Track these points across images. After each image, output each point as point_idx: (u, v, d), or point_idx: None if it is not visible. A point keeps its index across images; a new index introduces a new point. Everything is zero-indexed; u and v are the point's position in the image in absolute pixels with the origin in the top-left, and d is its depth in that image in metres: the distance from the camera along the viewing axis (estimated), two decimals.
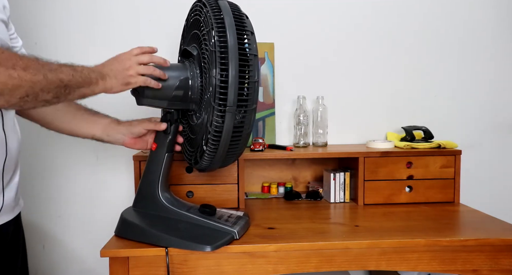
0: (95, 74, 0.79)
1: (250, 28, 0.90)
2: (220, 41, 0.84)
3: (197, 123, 0.94)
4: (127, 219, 0.98)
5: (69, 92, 0.75)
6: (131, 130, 1.00)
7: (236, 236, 0.94)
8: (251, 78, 0.88)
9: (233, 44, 0.84)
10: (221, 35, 0.84)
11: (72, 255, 1.51)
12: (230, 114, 0.85)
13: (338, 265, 0.96)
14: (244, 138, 0.93)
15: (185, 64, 0.95)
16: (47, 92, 0.71)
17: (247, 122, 0.90)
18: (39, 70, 0.70)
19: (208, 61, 0.87)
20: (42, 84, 0.70)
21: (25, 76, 0.67)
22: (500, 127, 1.62)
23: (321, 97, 1.49)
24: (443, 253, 0.98)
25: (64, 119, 1.00)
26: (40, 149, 1.47)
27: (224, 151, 0.90)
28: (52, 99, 0.73)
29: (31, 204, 1.47)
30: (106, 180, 1.50)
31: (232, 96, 0.84)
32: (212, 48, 0.85)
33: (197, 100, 0.93)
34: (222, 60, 0.84)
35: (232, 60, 0.84)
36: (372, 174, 1.30)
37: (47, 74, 0.71)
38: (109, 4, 1.46)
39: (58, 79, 0.72)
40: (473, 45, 1.58)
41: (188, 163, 1.04)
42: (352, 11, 1.54)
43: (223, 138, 0.88)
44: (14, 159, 0.88)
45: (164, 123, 0.98)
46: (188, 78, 0.92)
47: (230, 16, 0.86)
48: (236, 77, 0.84)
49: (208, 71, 0.87)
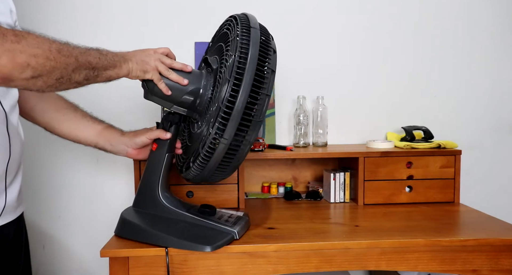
0: (119, 58, 0.82)
1: (273, 47, 0.89)
2: (241, 51, 0.83)
3: (196, 133, 0.94)
4: (127, 219, 0.98)
5: (97, 74, 0.78)
6: (135, 141, 1.01)
7: (236, 236, 0.94)
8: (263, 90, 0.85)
9: (253, 54, 0.82)
10: (243, 46, 0.83)
11: (72, 255, 1.52)
12: (233, 122, 0.83)
13: (338, 265, 0.96)
14: (241, 152, 0.90)
15: (202, 73, 0.94)
16: (79, 74, 0.74)
17: (249, 134, 0.88)
18: (71, 53, 0.72)
19: (225, 71, 0.86)
20: (74, 66, 0.73)
21: (60, 58, 0.70)
22: (500, 127, 1.62)
23: (321, 97, 1.49)
24: (443, 253, 0.98)
25: (68, 125, 1.00)
26: (41, 150, 1.47)
27: (216, 163, 0.89)
28: (83, 80, 0.76)
29: (31, 204, 1.47)
30: (106, 180, 1.50)
31: (241, 103, 0.82)
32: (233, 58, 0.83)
33: (202, 112, 0.93)
34: (239, 67, 0.82)
35: (249, 68, 0.82)
36: (372, 174, 1.30)
37: (78, 56, 0.73)
38: (111, 5, 1.46)
39: (87, 61, 0.75)
40: (473, 45, 1.58)
41: (178, 170, 1.03)
42: (352, 11, 1.54)
43: (209, 165, 0.87)
44: (17, 160, 0.89)
45: (169, 133, 0.98)
46: (200, 88, 0.92)
47: (257, 32, 0.86)
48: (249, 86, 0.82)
49: (222, 81, 0.86)
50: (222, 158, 0.88)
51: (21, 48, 0.65)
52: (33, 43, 0.67)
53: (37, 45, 0.67)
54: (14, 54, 0.64)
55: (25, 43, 0.66)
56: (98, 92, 1.40)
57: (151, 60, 0.87)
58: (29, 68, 0.66)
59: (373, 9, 1.54)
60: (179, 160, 1.04)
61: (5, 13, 0.85)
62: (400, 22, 1.55)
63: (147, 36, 1.48)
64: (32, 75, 0.67)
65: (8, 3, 0.87)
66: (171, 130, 0.99)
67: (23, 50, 0.65)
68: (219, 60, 0.92)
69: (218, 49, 0.97)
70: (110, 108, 1.42)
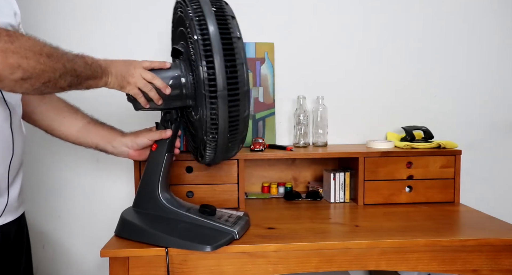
0: (101, 69, 0.83)
1: (230, 13, 0.90)
2: (202, 31, 0.84)
3: (196, 119, 0.94)
4: (127, 219, 0.98)
5: (80, 82, 0.79)
6: (136, 142, 1.02)
7: (236, 236, 0.94)
8: (238, 60, 0.87)
9: (214, 30, 0.84)
10: (202, 24, 0.85)
11: (72, 255, 1.52)
12: (222, 99, 0.85)
13: (338, 265, 0.96)
14: (243, 123, 0.92)
15: (175, 63, 0.95)
16: (64, 80, 0.75)
17: (242, 105, 0.89)
18: (59, 58, 0.73)
19: (195, 54, 0.87)
20: (61, 72, 0.74)
21: (49, 63, 0.71)
22: (500, 127, 1.62)
23: (321, 97, 1.49)
24: (443, 253, 0.98)
25: (69, 127, 1.01)
26: (41, 149, 1.47)
27: (225, 139, 0.90)
28: (66, 86, 0.77)
29: (31, 204, 1.47)
30: (106, 180, 1.50)
31: (221, 80, 0.84)
32: (195, 38, 0.85)
33: (192, 95, 0.94)
34: (205, 47, 0.84)
35: (215, 45, 0.84)
36: (372, 174, 1.30)
37: (65, 63, 0.74)
38: (109, 5, 1.46)
39: (73, 69, 0.76)
40: (473, 45, 1.58)
41: (196, 160, 1.05)
42: (352, 11, 1.54)
43: (221, 125, 0.87)
44: (19, 159, 0.89)
45: (169, 130, 0.99)
46: (180, 76, 0.92)
47: (209, 5, 0.87)
48: (221, 61, 0.84)
49: (196, 64, 0.87)
50: (228, 136, 0.90)
51: (14, 49, 0.65)
52: (26, 45, 0.67)
53: (30, 48, 0.68)
54: (6, 54, 0.64)
55: (18, 45, 0.66)
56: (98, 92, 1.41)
57: (130, 76, 0.88)
58: (19, 69, 0.66)
59: (373, 10, 1.54)
60: (192, 150, 1.06)
61: (9, 15, 0.85)
62: (400, 23, 1.55)
63: (142, 31, 1.48)
64: (21, 76, 0.67)
65: (12, 6, 0.87)
66: (171, 128, 0.99)
67: (16, 51, 0.66)
68: (186, 45, 0.93)
69: (180, 34, 0.97)
70: (110, 108, 1.42)
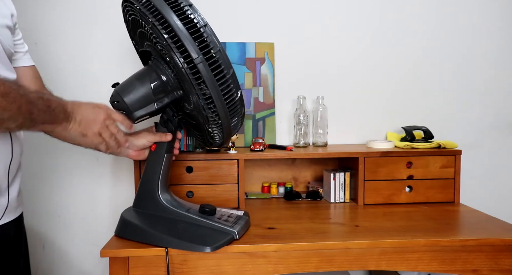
0: (65, 115, 0.81)
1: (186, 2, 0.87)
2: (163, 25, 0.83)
3: (192, 108, 0.95)
4: (127, 219, 0.98)
5: (33, 125, 0.76)
6: (135, 144, 1.01)
7: (236, 236, 0.94)
8: (199, 24, 0.85)
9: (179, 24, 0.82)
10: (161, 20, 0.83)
11: (72, 255, 1.52)
12: (201, 64, 0.83)
13: (338, 265, 0.96)
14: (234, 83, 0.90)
15: (149, 65, 0.96)
16: (14, 121, 0.71)
17: (224, 63, 0.87)
18: (16, 100, 0.70)
19: (164, 47, 0.86)
20: (12, 113, 0.70)
21: (0, 103, 0.67)
22: (500, 127, 1.62)
23: (321, 97, 1.49)
24: (443, 253, 0.98)
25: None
26: (41, 149, 1.47)
27: (224, 107, 0.89)
28: (15, 128, 0.74)
29: (31, 204, 1.47)
30: (106, 180, 1.50)
31: (191, 46, 0.82)
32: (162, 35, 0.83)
33: (178, 86, 0.94)
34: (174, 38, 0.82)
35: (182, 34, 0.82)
36: (372, 174, 1.30)
37: (22, 105, 0.71)
38: (108, 4, 1.46)
39: (29, 112, 0.72)
40: (473, 45, 1.58)
41: (206, 146, 1.07)
42: (352, 11, 1.54)
43: (212, 91, 0.86)
44: (18, 160, 0.90)
45: (169, 134, 0.99)
46: (160, 76, 0.93)
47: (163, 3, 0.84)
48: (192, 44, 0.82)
49: (169, 55, 0.86)
50: (228, 113, 0.90)
51: None
52: None
53: None
54: None
55: None
56: (99, 92, 1.41)
57: (94, 126, 0.86)
58: None
59: (373, 10, 1.54)
60: (200, 139, 1.08)
61: (6, 16, 0.86)
62: (400, 22, 1.55)
63: None
64: None
65: (9, 7, 0.89)
66: (170, 128, 0.99)
67: None
68: (153, 44, 0.92)
69: (141, 36, 0.96)
70: None
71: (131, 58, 1.44)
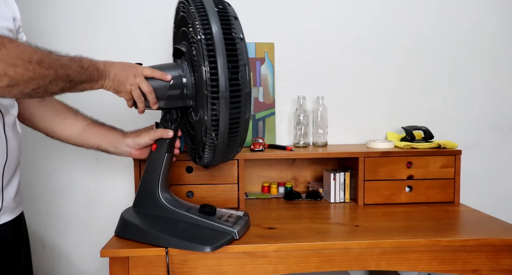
0: (98, 73, 0.83)
1: (233, 14, 0.90)
2: (205, 31, 0.84)
3: (196, 120, 0.94)
4: (127, 219, 0.98)
5: (73, 86, 0.79)
6: (137, 142, 1.01)
7: (236, 236, 0.94)
8: (241, 61, 0.87)
9: (217, 31, 0.84)
10: (205, 25, 0.84)
11: (72, 255, 1.52)
12: (224, 100, 0.84)
13: (338, 265, 0.96)
14: (243, 125, 0.91)
15: (177, 63, 0.95)
16: (56, 85, 0.75)
17: (243, 107, 0.88)
18: (51, 65, 0.73)
19: (197, 54, 0.86)
20: (52, 78, 0.73)
21: (39, 70, 0.70)
22: (500, 127, 1.62)
23: (321, 97, 1.49)
24: (443, 253, 0.98)
25: (69, 129, 1.01)
26: (41, 149, 1.47)
27: (224, 141, 0.89)
28: (58, 91, 0.78)
29: (31, 204, 1.47)
30: (106, 180, 1.50)
31: (223, 81, 0.83)
32: (198, 38, 0.84)
33: (193, 96, 0.94)
34: (208, 47, 0.83)
35: (218, 46, 0.83)
36: (372, 174, 1.30)
37: (57, 69, 0.74)
38: (110, 4, 1.46)
39: (66, 74, 0.76)
40: (473, 45, 1.58)
41: (193, 161, 1.04)
42: (352, 11, 1.54)
43: (221, 126, 0.87)
44: (14, 160, 0.89)
45: (171, 130, 0.99)
46: (181, 76, 0.92)
47: (212, 5, 0.86)
48: (224, 62, 0.83)
49: (198, 64, 0.87)
50: (227, 138, 0.89)
51: (0, 57, 0.65)
52: (13, 53, 0.67)
53: (18, 55, 0.67)
54: None
55: (5, 52, 0.66)
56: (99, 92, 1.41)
57: (127, 84, 0.87)
58: (6, 77, 0.66)
59: (373, 10, 1.54)
60: (190, 151, 1.06)
61: (8, 19, 0.85)
62: (400, 22, 1.55)
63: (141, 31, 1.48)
64: (8, 84, 0.67)
65: (13, 10, 0.88)
66: (171, 128, 0.99)
67: (2, 59, 0.65)
68: (189, 45, 0.92)
69: (183, 34, 0.97)
70: (110, 108, 1.42)
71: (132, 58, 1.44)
